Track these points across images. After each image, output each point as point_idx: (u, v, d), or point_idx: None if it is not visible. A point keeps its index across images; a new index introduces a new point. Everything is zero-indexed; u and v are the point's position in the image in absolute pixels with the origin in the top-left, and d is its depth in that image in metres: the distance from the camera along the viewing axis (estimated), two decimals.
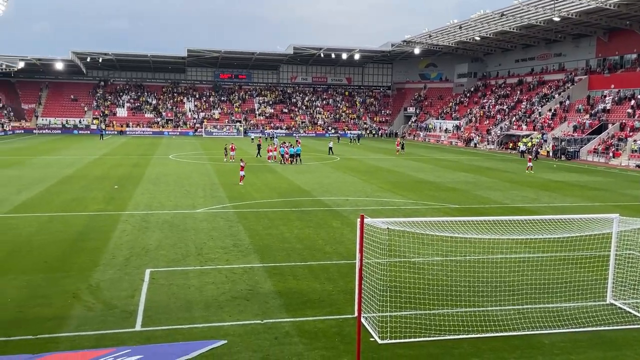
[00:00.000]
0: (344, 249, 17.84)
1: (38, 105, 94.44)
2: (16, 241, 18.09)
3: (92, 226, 20.52)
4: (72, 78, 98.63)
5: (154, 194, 27.97)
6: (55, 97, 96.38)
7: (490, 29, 74.22)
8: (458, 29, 75.95)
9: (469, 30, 76.64)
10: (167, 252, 17.08)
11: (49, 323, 11.49)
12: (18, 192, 27.80)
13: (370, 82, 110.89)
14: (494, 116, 79.45)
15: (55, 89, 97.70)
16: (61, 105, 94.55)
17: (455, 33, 78.97)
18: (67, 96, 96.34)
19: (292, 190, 30.28)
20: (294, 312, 12.33)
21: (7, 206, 24.07)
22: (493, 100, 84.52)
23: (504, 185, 34.52)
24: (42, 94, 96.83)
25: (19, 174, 35.06)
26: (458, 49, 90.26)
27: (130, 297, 13.08)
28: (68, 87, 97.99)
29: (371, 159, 51.89)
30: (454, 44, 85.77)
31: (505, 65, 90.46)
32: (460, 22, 73.79)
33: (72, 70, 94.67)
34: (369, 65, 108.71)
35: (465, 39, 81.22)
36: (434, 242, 15.92)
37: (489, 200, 28.17)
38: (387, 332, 11.05)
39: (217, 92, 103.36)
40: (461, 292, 13.56)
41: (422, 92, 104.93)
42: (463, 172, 41.65)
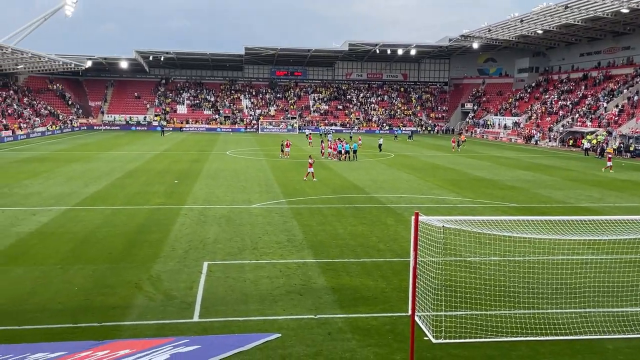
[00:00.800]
0: (397, 246, 17.71)
1: (104, 103, 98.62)
2: (83, 233, 19.01)
3: (153, 219, 21.28)
4: (136, 76, 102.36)
5: (211, 189, 28.68)
6: (119, 94, 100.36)
7: (554, 22, 71.42)
8: (519, 23, 73.54)
9: (530, 24, 74.05)
10: (224, 245, 17.49)
11: (112, 311, 12.02)
12: (85, 186, 29.17)
13: (426, 78, 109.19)
14: (556, 112, 76.56)
15: (119, 87, 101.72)
16: (125, 103, 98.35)
17: (516, 27, 76.50)
18: (131, 94, 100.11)
19: (345, 186, 30.30)
20: (347, 308, 12.36)
21: (75, 199, 25.30)
22: (555, 96, 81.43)
23: (566, 184, 33.24)
24: (108, 91, 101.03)
25: (86, 168, 36.78)
26: (519, 43, 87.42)
27: (188, 288, 13.49)
28: (132, 85, 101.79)
29: (426, 155, 51.16)
30: (514, 38, 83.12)
31: (569, 60, 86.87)
32: (522, 16, 71.42)
33: (136, 69, 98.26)
34: (425, 60, 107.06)
35: (526, 32, 78.54)
36: (491, 241, 15.55)
37: (550, 200, 27.20)
38: (442, 331, 10.90)
39: (273, 89, 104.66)
40: (520, 293, 13.19)
41: (480, 87, 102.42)
42: (523, 170, 40.39)
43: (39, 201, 24.68)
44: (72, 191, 27.43)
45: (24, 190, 27.50)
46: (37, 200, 24.83)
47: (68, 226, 19.92)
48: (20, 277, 14.18)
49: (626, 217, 12.50)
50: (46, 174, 33.88)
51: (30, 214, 21.92)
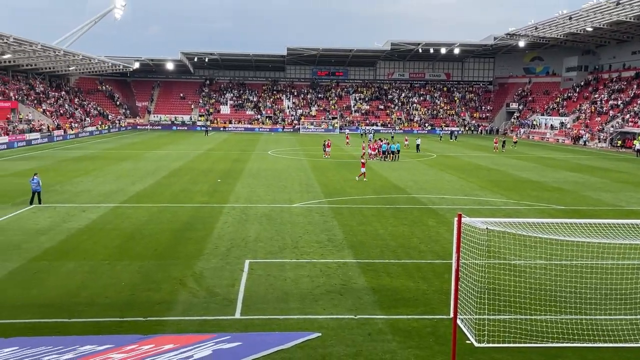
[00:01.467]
0: (439, 248, 17.49)
1: (150, 103, 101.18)
2: (130, 229, 19.57)
3: (197, 217, 21.71)
4: (181, 77, 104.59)
5: (253, 188, 29.03)
6: (165, 95, 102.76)
7: (604, 19, 68.92)
8: (567, 20, 71.33)
9: (579, 21, 71.69)
10: (265, 244, 17.68)
11: (157, 307, 12.34)
12: (132, 184, 30.01)
13: (470, 77, 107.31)
14: (606, 112, 73.93)
15: (165, 87, 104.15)
16: (170, 103, 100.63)
17: (564, 24, 74.22)
18: (176, 94, 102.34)
19: (386, 187, 30.12)
20: (387, 309, 12.30)
21: (122, 196, 26.07)
22: (606, 95, 78.62)
23: (616, 186, 32.07)
24: (154, 92, 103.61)
25: (133, 167, 37.84)
26: (567, 41, 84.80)
27: (230, 285, 13.71)
28: (177, 86, 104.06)
29: (469, 156, 50.29)
30: (562, 35, 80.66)
31: (621, 58, 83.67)
32: (570, 13, 69.26)
33: (181, 70, 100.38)
34: (469, 59, 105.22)
35: (575, 30, 76.08)
36: (536, 244, 15.16)
37: (600, 202, 26.31)
38: (484, 335, 10.70)
39: (314, 89, 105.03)
40: (566, 298, 12.82)
41: (526, 87, 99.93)
42: (570, 171, 39.21)
43: (89, 198, 25.54)
44: (119, 189, 28.27)
45: (74, 188, 28.52)
46: (87, 198, 25.70)
47: (116, 223, 20.55)
48: (71, 272, 14.72)
49: None
50: (95, 172, 35.04)
51: (80, 210, 22.72)
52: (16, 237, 18.15)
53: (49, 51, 65.31)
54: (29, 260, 15.72)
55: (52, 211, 22.43)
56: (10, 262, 15.41)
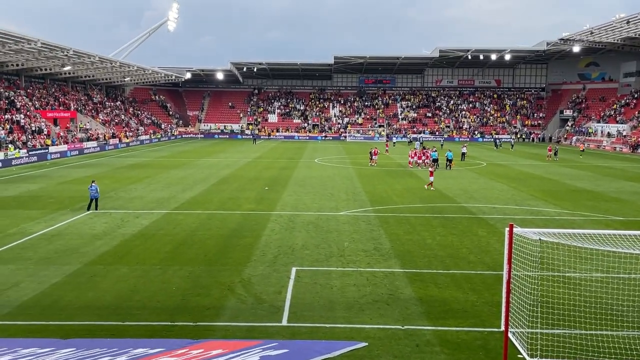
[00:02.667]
0: (489, 259, 17.07)
1: (201, 112, 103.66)
2: (181, 235, 20.04)
3: (245, 224, 22.02)
4: (230, 87, 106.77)
5: (300, 196, 29.20)
6: (215, 104, 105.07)
7: None
8: (625, 24, 68.62)
9: (637, 25, 68.83)
10: (312, 252, 17.73)
11: (207, 312, 12.56)
12: (183, 191, 30.76)
13: (521, 84, 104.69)
14: None
15: (215, 97, 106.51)
16: (220, 112, 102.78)
17: (621, 28, 71.44)
18: (226, 103, 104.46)
19: (434, 195, 29.69)
20: (435, 320, 12.09)
21: (174, 203, 26.75)
22: None
23: None
24: (204, 101, 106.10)
25: (184, 175, 38.80)
26: (625, 46, 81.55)
27: (277, 292, 13.81)
28: (226, 95, 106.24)
29: (521, 165, 48.96)
30: (619, 40, 77.66)
31: None
32: (628, 17, 66.60)
33: (230, 79, 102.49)
34: (520, 65, 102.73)
35: (633, 34, 73.06)
36: (593, 256, 14.57)
37: None
38: (537, 349, 10.35)
39: (361, 98, 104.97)
40: (625, 312, 12.25)
41: (581, 93, 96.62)
42: (629, 180, 37.56)
43: (142, 205, 26.34)
44: (171, 196, 29.02)
45: (128, 195, 29.48)
46: (140, 204, 26.51)
47: (167, 229, 21.10)
48: (124, 276, 15.20)
49: None
50: (148, 179, 36.12)
51: (133, 216, 23.45)
52: (74, 242, 18.90)
53: (106, 63, 68.05)
54: (86, 264, 16.33)
55: (108, 217, 23.24)
56: (68, 266, 16.05)
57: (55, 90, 72.16)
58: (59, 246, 18.34)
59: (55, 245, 18.42)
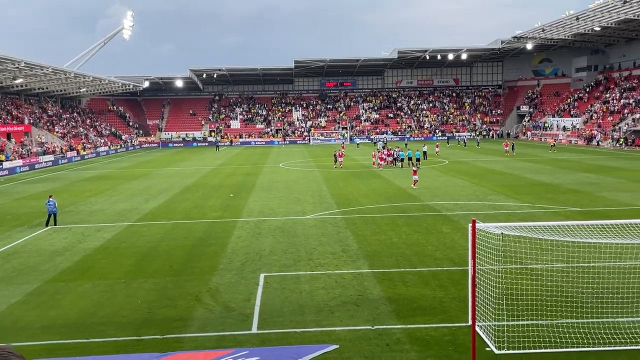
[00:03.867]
0: (455, 255, 17.35)
1: (161, 121, 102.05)
2: (145, 247, 19.66)
3: (211, 232, 21.76)
4: (191, 94, 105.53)
5: (265, 201, 29.07)
6: (175, 112, 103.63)
7: (612, 18, 68.49)
8: (575, 21, 70.99)
9: (587, 21, 71.31)
10: (280, 257, 17.65)
11: (174, 324, 12.34)
12: (146, 202, 30.19)
13: (479, 82, 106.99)
14: (618, 111, 73.23)
15: (175, 105, 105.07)
16: (181, 120, 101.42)
17: (571, 25, 73.86)
18: (186, 111, 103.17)
19: (399, 195, 30.00)
20: (404, 318, 12.19)
21: (137, 215, 26.23)
22: (617, 94, 77.94)
23: (633, 185, 31.66)
24: (164, 110, 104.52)
25: (146, 185, 38.10)
26: (575, 42, 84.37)
27: (246, 300, 13.68)
28: (187, 103, 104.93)
29: (482, 161, 49.99)
30: (570, 36, 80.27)
31: (631, 56, 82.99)
32: (577, 13, 68.94)
33: (190, 87, 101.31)
34: (477, 64, 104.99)
35: (583, 30, 75.67)
36: (553, 247, 14.98)
37: (616, 202, 25.98)
38: (504, 342, 10.56)
39: (323, 101, 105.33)
40: (586, 301, 12.63)
41: (535, 89, 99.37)
42: (585, 172, 38.81)
43: (103, 218, 25.74)
44: (133, 207, 28.46)
45: (88, 208, 28.76)
46: (101, 217, 25.90)
47: (131, 241, 20.66)
48: (87, 292, 14.80)
49: None
50: (109, 191, 35.33)
51: (95, 230, 22.89)
52: (33, 259, 18.31)
53: (60, 74, 66.27)
54: (46, 281, 15.84)
55: (68, 232, 22.62)
56: (28, 285, 15.53)
57: (7, 104, 69.88)
58: (17, 264, 17.73)
59: (13, 264, 17.81)
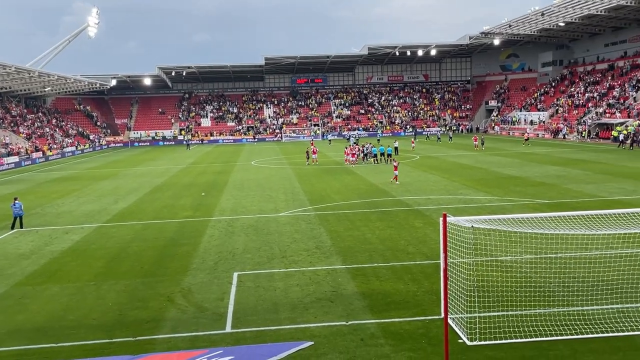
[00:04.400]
0: (427, 249, 17.52)
1: (129, 120, 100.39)
2: (115, 248, 19.32)
3: (182, 232, 21.51)
4: (159, 92, 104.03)
5: (238, 200, 28.87)
6: (144, 111, 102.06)
7: (575, 14, 70.14)
8: (540, 16, 72.41)
9: (552, 17, 72.84)
10: (253, 255, 17.56)
11: (146, 325, 12.16)
12: (115, 202, 29.67)
13: (448, 78, 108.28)
14: (583, 105, 75.06)
15: (144, 103, 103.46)
16: (150, 119, 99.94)
17: (537, 21, 75.34)
18: (155, 109, 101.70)
19: (371, 190, 30.16)
20: (378, 313, 12.26)
21: (106, 216, 25.75)
22: (582, 88, 79.87)
23: (598, 177, 32.50)
24: (133, 108, 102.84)
25: (115, 185, 37.43)
26: (541, 37, 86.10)
27: (219, 299, 13.57)
28: (156, 101, 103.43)
29: (452, 156, 50.63)
30: (536, 32, 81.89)
31: (594, 51, 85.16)
32: (542, 9, 70.31)
33: (159, 85, 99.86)
34: (446, 60, 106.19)
35: (548, 26, 77.27)
36: (523, 239, 15.26)
37: (582, 194, 26.62)
38: (476, 333, 10.72)
39: (294, 98, 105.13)
40: (555, 291, 12.90)
41: (503, 84, 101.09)
42: (552, 165, 39.66)
43: (71, 220, 25.19)
44: (102, 208, 27.94)
45: (56, 210, 28.11)
46: (69, 219, 25.35)
47: (100, 243, 20.28)
48: (56, 295, 14.46)
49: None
50: (77, 192, 34.60)
51: (62, 232, 22.39)
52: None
53: (23, 73, 64.53)
54: (13, 286, 15.43)
55: (35, 235, 22.06)
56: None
57: None
58: None
59: None
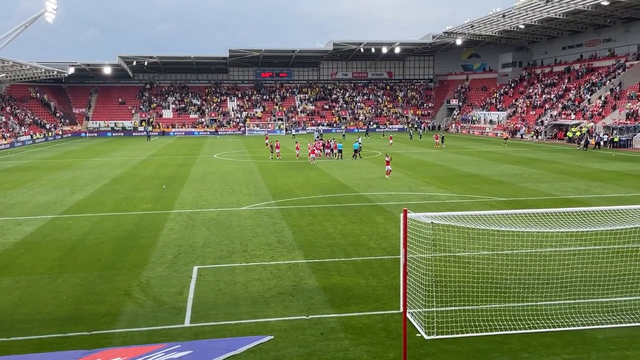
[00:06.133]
0: (387, 244, 17.74)
1: (88, 109, 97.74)
2: (71, 241, 18.81)
3: (141, 225, 21.12)
4: (120, 82, 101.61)
5: (199, 193, 28.53)
6: (104, 101, 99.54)
7: (535, 17, 72.01)
8: (501, 18, 74.04)
9: (512, 19, 74.60)
10: (214, 249, 17.41)
11: (102, 319, 11.91)
12: (72, 194, 28.88)
13: (411, 76, 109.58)
14: (541, 106, 77.21)
15: (104, 93, 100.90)
16: (110, 109, 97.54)
17: (498, 22, 77.01)
18: (115, 99, 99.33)
19: (334, 186, 30.30)
20: (339, 307, 12.35)
21: (61, 207, 25.04)
22: (539, 90, 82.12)
23: (552, 176, 33.52)
24: (92, 98, 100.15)
25: (72, 176, 36.42)
26: (502, 38, 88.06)
27: (179, 293, 13.41)
28: (116, 91, 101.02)
29: (414, 153, 51.32)
30: (497, 33, 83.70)
31: (552, 53, 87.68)
32: (504, 11, 71.93)
33: (120, 74, 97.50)
34: (410, 58, 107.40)
35: (509, 27, 79.09)
36: (480, 236, 15.63)
37: (538, 192, 27.42)
38: (434, 327, 10.92)
39: (258, 91, 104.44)
40: (510, 286, 13.26)
41: (464, 83, 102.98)
42: (509, 164, 40.68)
43: (24, 211, 24.40)
44: (58, 199, 27.15)
45: (8, 200, 27.17)
46: (23, 210, 24.54)
47: (55, 235, 19.71)
48: (8, 288, 14.00)
49: (612, 208, 12.64)
50: (31, 182, 33.51)
51: (15, 223, 21.66)
52: None
53: None
54: None
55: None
56: None
57: None
58: None
59: None
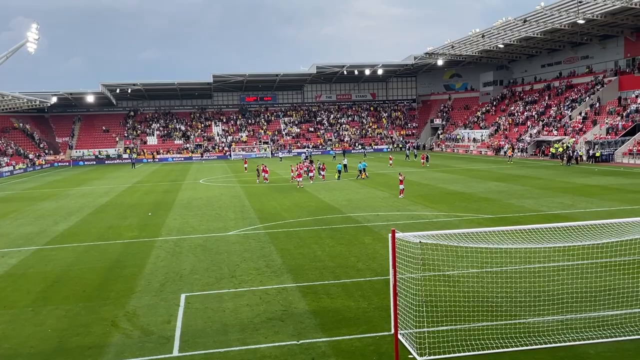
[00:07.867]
0: (376, 265, 17.66)
1: (71, 138, 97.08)
2: (55, 272, 18.46)
3: (127, 253, 20.83)
4: (103, 110, 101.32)
5: (186, 219, 28.29)
6: (87, 129, 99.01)
7: (514, 36, 73.49)
8: (481, 38, 75.41)
9: (492, 39, 76.04)
10: (201, 276, 17.18)
11: (88, 352, 11.63)
12: (55, 224, 28.47)
13: (395, 96, 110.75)
14: (523, 123, 78.26)
15: (87, 121, 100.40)
16: (93, 137, 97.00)
17: (478, 42, 78.44)
18: (99, 127, 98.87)
19: (321, 208, 30.24)
20: (329, 331, 12.21)
21: (45, 238, 24.64)
22: (521, 107, 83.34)
23: (538, 192, 33.81)
24: (75, 126, 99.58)
25: (55, 206, 35.95)
26: (482, 58, 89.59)
27: (166, 322, 13.17)
28: (99, 119, 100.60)
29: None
30: (477, 53, 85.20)
31: (532, 71, 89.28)
32: (483, 31, 73.29)
33: (103, 102, 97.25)
34: (392, 79, 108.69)
35: (488, 47, 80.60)
36: (468, 254, 15.63)
37: (524, 209, 27.59)
38: (426, 348, 10.82)
39: (243, 115, 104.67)
40: (500, 304, 13.23)
41: (447, 103, 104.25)
42: (495, 181, 40.99)
43: (7, 242, 23.96)
44: (41, 230, 26.74)
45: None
46: (5, 242, 24.11)
47: (38, 266, 19.35)
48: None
49: (597, 222, 12.72)
50: (14, 214, 33.01)
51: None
52: None
53: None
54: None
55: None
56: None
57: None
58: None
59: None
